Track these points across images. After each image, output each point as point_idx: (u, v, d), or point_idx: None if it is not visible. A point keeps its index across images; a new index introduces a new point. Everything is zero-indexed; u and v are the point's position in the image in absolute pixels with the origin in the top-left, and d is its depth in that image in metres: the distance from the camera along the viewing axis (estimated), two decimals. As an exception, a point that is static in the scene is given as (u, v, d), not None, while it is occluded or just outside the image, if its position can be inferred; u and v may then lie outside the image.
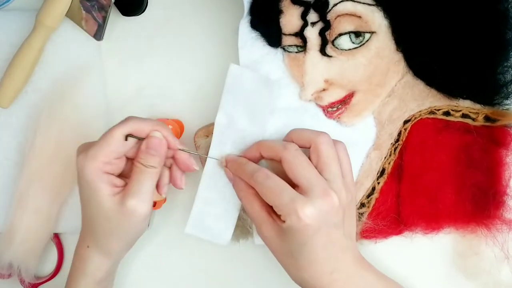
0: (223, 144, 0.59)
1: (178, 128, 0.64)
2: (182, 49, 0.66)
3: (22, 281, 0.65)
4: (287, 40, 0.61)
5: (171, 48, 0.66)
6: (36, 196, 0.62)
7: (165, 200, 0.64)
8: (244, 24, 0.60)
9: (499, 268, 0.61)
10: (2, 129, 0.65)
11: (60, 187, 0.64)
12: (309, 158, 0.54)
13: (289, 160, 0.53)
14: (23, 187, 0.62)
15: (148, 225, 0.65)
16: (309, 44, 0.60)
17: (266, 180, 0.52)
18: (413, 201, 0.62)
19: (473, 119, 0.61)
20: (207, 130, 0.63)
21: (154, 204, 0.62)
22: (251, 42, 0.61)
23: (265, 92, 0.59)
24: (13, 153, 0.65)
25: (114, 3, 0.62)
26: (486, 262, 0.61)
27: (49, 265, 0.67)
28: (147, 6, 0.65)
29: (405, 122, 0.61)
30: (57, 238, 0.66)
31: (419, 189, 0.61)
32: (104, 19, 0.62)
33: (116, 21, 0.65)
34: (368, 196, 0.62)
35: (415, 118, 0.61)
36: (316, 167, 0.53)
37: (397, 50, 0.60)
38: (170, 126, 0.62)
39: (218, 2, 0.65)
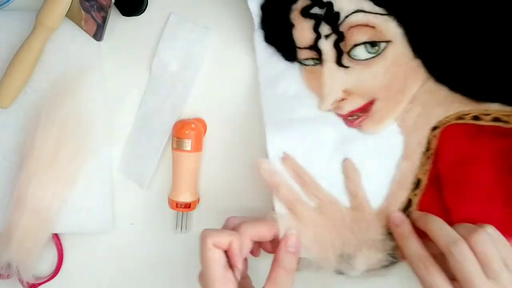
0: None
1: (201, 127, 0.64)
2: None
3: (22, 281, 0.65)
4: (302, 54, 0.60)
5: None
6: (34, 196, 0.62)
7: (198, 200, 0.65)
8: (259, 39, 0.61)
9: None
10: (1, 129, 0.66)
11: (59, 187, 0.64)
12: None
13: (457, 260, 0.51)
14: (22, 187, 0.62)
15: (186, 228, 0.65)
16: (324, 56, 0.60)
17: (467, 256, 0.51)
18: (463, 214, 0.58)
19: (506, 122, 0.57)
20: None
21: (189, 206, 0.63)
22: (268, 60, 0.61)
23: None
24: (12, 153, 0.65)
25: (114, 3, 0.61)
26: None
27: (49, 265, 0.68)
28: (147, 6, 0.65)
29: (434, 129, 0.59)
30: (57, 238, 0.67)
31: (467, 201, 0.58)
32: (104, 19, 0.61)
33: (116, 21, 0.65)
34: (405, 209, 0.59)
35: (443, 124, 0.59)
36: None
37: (414, 57, 0.58)
38: (193, 125, 0.62)
39: (218, 2, 0.64)
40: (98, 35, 0.63)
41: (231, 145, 0.64)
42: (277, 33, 0.61)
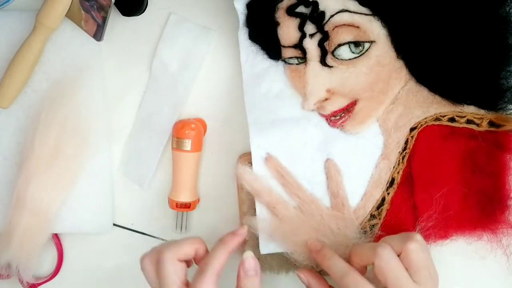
0: None
1: (201, 127, 0.64)
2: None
3: (22, 281, 0.65)
4: (286, 52, 0.61)
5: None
6: (34, 196, 0.62)
7: (198, 200, 0.65)
8: (243, 37, 0.61)
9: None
10: (1, 129, 0.65)
11: (59, 187, 0.64)
12: None
13: (381, 266, 0.52)
14: (22, 187, 0.62)
15: (186, 228, 0.66)
16: (309, 55, 0.60)
17: (359, 286, 0.52)
18: (428, 211, 0.61)
19: (478, 125, 0.60)
20: (250, 157, 0.62)
21: (189, 206, 0.63)
22: (252, 56, 0.61)
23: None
24: (12, 153, 0.65)
25: (114, 3, 0.61)
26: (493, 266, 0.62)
27: (49, 265, 0.67)
28: (147, 6, 0.65)
29: (412, 129, 0.61)
30: (56, 238, 0.66)
31: (432, 198, 0.61)
32: (104, 20, 0.61)
33: (116, 21, 0.65)
34: (378, 207, 0.61)
35: (421, 125, 0.61)
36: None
37: (397, 57, 0.60)
38: (193, 125, 0.62)
39: (219, 2, 0.64)
40: (98, 35, 0.63)
41: (231, 145, 0.65)
42: (262, 31, 0.61)
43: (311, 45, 0.60)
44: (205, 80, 0.65)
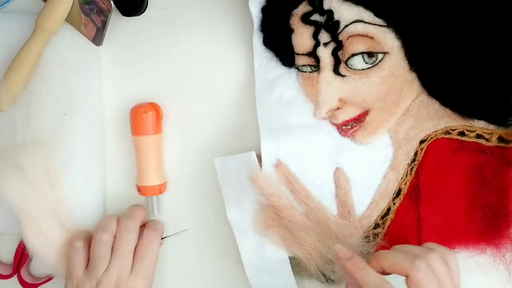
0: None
1: (157, 110, 0.63)
2: (183, 50, 0.65)
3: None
4: (300, 60, 0.61)
5: (172, 49, 0.65)
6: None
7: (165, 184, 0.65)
8: (257, 42, 0.61)
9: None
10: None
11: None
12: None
13: (419, 279, 0.51)
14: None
15: (159, 211, 0.65)
16: (322, 64, 0.60)
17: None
18: (432, 223, 0.61)
19: (487, 140, 0.60)
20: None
21: (158, 189, 0.64)
22: (266, 62, 0.61)
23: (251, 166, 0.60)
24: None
25: (114, 3, 0.60)
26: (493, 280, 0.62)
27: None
28: (147, 6, 0.64)
29: (421, 142, 0.61)
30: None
31: (438, 211, 0.61)
32: (103, 24, 0.60)
33: (116, 21, 0.64)
34: (383, 217, 0.61)
35: (431, 138, 0.61)
36: None
37: (410, 69, 0.60)
38: (150, 113, 0.62)
39: (220, 2, 0.63)
40: (97, 40, 0.62)
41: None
42: (276, 37, 0.61)
43: (325, 54, 0.60)
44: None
